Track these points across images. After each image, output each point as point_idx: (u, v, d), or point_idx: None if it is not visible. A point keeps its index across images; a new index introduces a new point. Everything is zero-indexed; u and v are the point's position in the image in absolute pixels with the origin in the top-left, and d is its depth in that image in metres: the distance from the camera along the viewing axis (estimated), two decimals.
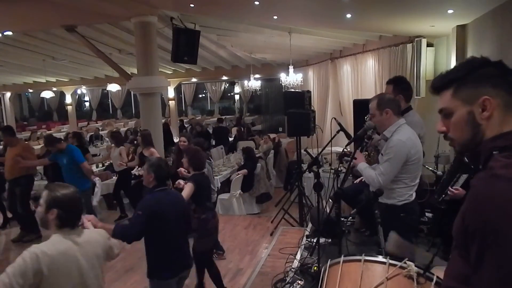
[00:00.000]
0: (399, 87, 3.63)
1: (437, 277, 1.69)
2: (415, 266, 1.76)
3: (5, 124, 18.25)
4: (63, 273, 2.16)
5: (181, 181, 4.47)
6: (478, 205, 1.10)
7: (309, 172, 3.75)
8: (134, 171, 6.80)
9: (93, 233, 2.48)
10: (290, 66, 11.15)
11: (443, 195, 3.84)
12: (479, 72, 1.21)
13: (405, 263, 1.78)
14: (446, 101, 1.27)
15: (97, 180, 7.68)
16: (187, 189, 4.08)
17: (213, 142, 12.88)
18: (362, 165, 3.18)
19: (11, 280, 2.01)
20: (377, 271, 1.82)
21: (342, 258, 1.94)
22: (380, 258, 1.87)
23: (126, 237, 3.06)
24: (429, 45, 6.84)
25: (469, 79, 1.21)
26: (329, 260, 2.04)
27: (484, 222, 1.07)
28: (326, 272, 2.02)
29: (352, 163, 3.30)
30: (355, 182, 4.50)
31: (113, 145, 8.06)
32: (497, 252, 1.05)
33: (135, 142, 10.71)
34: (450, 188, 3.66)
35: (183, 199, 3.72)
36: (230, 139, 13.52)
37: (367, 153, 3.61)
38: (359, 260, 1.87)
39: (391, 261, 1.80)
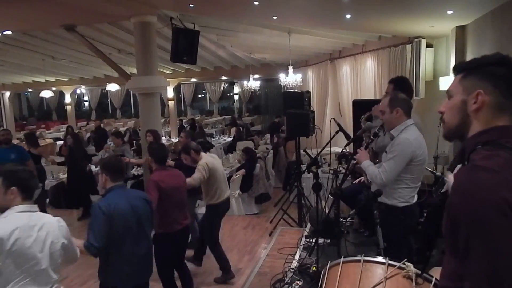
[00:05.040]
0: (400, 87, 3.63)
1: (436, 278, 1.69)
2: (414, 267, 1.77)
3: (4, 123, 18.26)
4: (216, 170, 4.95)
5: None
6: (459, 196, 1.11)
7: (308, 173, 3.75)
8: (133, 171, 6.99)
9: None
10: (289, 67, 11.15)
11: (440, 189, 3.84)
12: (489, 67, 1.23)
13: (404, 263, 1.78)
14: (453, 84, 1.32)
15: None
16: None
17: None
18: (366, 163, 3.16)
19: (202, 173, 4.71)
20: (376, 272, 1.82)
21: (342, 259, 1.94)
22: (379, 258, 1.87)
23: None
24: (428, 45, 6.83)
25: (477, 71, 1.25)
26: (329, 261, 2.04)
27: (466, 213, 1.08)
28: (326, 274, 2.02)
29: (356, 160, 3.29)
30: (354, 182, 4.50)
31: None
32: (482, 242, 1.06)
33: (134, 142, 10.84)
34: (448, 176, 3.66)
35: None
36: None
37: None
38: (359, 261, 1.87)
39: (390, 262, 1.81)
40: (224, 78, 17.60)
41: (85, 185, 8.11)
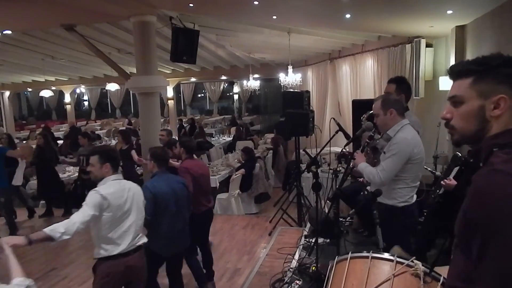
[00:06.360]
0: (401, 87, 3.64)
1: (444, 277, 1.68)
2: (422, 265, 1.76)
3: (4, 123, 18.25)
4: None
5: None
6: (478, 200, 1.11)
7: (308, 172, 3.75)
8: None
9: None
10: (289, 66, 11.14)
11: (438, 190, 3.86)
12: (501, 69, 1.20)
13: (412, 261, 1.78)
14: (461, 89, 1.26)
15: None
16: None
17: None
18: (362, 165, 3.17)
19: None
20: (384, 269, 1.82)
21: (350, 254, 1.94)
22: (387, 255, 1.86)
23: None
24: (428, 45, 6.83)
25: (490, 74, 1.21)
26: (337, 256, 2.04)
27: (484, 217, 1.08)
28: (333, 268, 2.02)
29: (352, 163, 3.29)
30: (358, 179, 4.50)
31: None
32: (499, 246, 1.05)
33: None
34: (444, 180, 3.68)
35: None
36: None
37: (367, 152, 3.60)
38: (367, 257, 1.87)
39: (398, 259, 1.80)
40: (223, 77, 17.60)
41: (55, 186, 8.10)
